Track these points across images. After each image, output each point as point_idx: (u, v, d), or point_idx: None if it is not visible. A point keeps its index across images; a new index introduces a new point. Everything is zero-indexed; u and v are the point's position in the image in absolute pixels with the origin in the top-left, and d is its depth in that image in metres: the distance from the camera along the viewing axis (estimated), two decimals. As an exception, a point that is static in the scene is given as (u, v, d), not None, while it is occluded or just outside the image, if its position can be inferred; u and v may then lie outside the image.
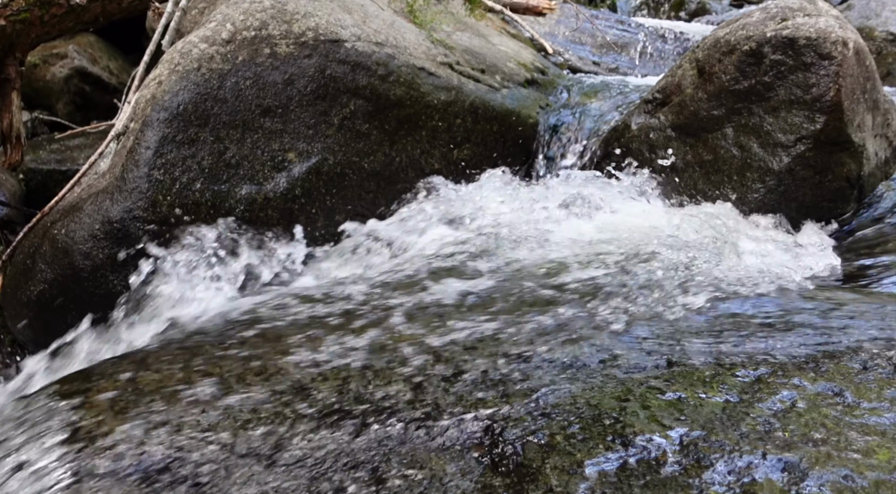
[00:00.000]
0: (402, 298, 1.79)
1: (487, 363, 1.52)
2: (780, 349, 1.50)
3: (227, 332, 1.70)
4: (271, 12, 2.45)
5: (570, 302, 1.74)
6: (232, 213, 2.28)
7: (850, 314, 1.63)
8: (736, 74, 2.65)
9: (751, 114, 2.63)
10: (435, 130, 2.86)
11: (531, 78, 3.60)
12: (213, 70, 2.29)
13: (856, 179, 2.56)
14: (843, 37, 2.48)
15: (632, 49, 4.72)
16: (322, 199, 2.53)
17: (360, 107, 2.63)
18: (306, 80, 2.49)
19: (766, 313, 1.67)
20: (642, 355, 1.53)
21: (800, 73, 2.51)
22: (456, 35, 3.48)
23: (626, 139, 2.96)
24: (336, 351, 1.53)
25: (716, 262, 1.93)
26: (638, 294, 1.75)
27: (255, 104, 2.37)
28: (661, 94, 2.96)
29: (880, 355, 1.38)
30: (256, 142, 2.37)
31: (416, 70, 2.81)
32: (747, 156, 2.62)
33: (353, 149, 2.61)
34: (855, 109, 2.53)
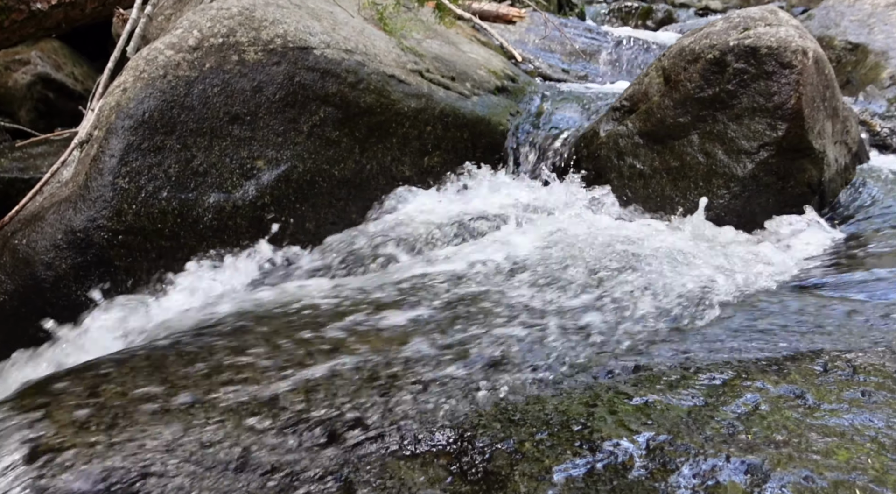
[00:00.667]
0: (371, 310, 1.78)
1: (456, 370, 1.53)
2: (744, 352, 1.53)
3: (193, 342, 1.67)
4: (239, 19, 2.44)
5: (535, 309, 1.75)
6: (200, 221, 2.25)
7: (810, 318, 1.67)
8: (701, 82, 2.70)
9: (715, 121, 2.68)
10: (405, 137, 2.86)
11: (501, 85, 3.62)
12: (179, 77, 2.26)
13: (817, 185, 2.62)
14: (802, 46, 2.54)
15: (600, 57, 4.78)
16: (292, 207, 2.51)
17: (330, 114, 2.62)
18: (275, 87, 2.48)
19: (731, 317, 1.70)
20: (610, 360, 1.55)
21: (762, 81, 2.57)
22: (426, 42, 3.49)
23: (595, 146, 2.99)
24: (303, 362, 1.52)
25: (679, 266, 1.96)
26: (604, 300, 1.77)
27: (224, 112, 2.35)
28: (629, 101, 3.00)
29: (840, 357, 1.41)
30: (225, 150, 2.35)
31: (387, 77, 2.81)
32: (713, 162, 2.67)
33: (323, 156, 2.60)
34: (815, 116, 2.59)
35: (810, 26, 4.34)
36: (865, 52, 3.87)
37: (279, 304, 1.83)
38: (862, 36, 3.98)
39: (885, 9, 4.07)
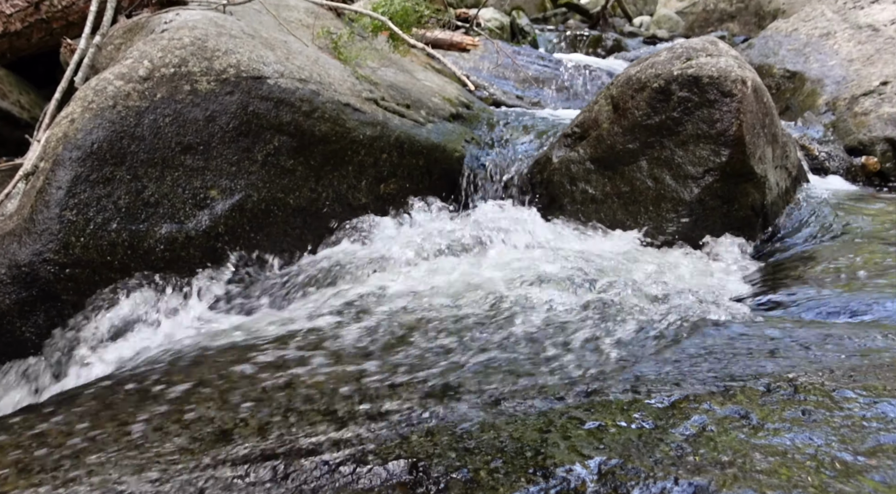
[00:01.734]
0: (318, 341, 1.77)
1: (410, 398, 1.53)
2: (692, 374, 1.57)
3: (144, 378, 1.64)
4: (191, 49, 2.43)
5: (487, 337, 1.77)
6: (152, 253, 2.21)
7: (753, 339, 1.72)
8: (648, 109, 2.79)
9: (663, 147, 2.76)
10: (361, 165, 2.88)
11: (456, 112, 3.68)
12: (129, 107, 2.23)
13: (760, 208, 2.72)
14: (741, 75, 2.66)
15: (553, 83, 4.89)
16: (247, 236, 2.49)
17: (285, 143, 2.62)
18: (228, 116, 2.47)
19: (678, 339, 1.74)
20: (564, 385, 1.57)
21: (705, 109, 2.67)
22: (381, 71, 3.53)
23: (549, 172, 3.06)
24: (255, 396, 1.50)
25: (629, 290, 2.00)
26: (557, 326, 1.79)
27: (176, 142, 2.33)
28: (580, 128, 3.08)
29: (782, 377, 1.46)
30: (177, 180, 2.32)
31: (342, 106, 2.83)
32: (661, 187, 2.75)
33: (278, 185, 2.59)
34: (756, 142, 2.69)
35: (751, 55, 4.52)
36: (802, 80, 4.06)
37: (230, 336, 1.81)
38: (799, 64, 4.17)
39: (819, 39, 4.28)
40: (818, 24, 4.46)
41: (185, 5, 2.82)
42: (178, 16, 2.58)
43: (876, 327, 1.73)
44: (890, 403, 1.27)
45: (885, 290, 1.92)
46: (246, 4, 3.04)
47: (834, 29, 4.32)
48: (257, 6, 3.14)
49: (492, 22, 5.71)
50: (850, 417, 1.25)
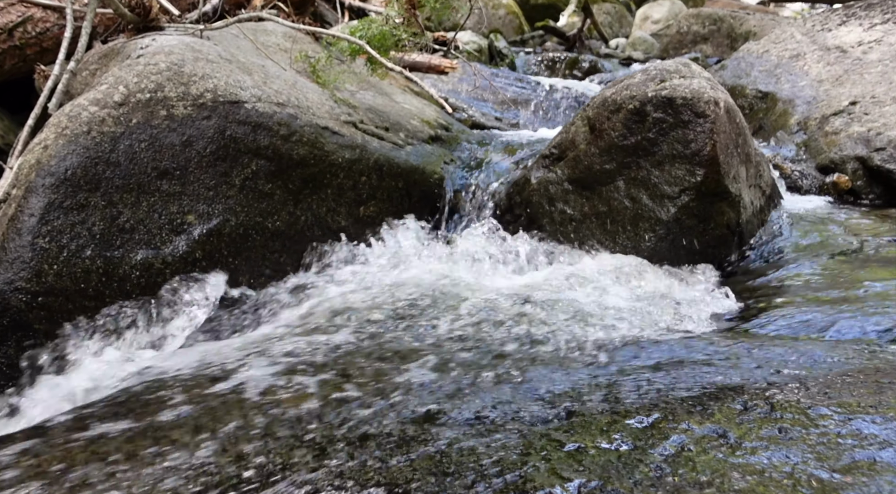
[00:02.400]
0: (296, 364, 1.76)
1: (389, 423, 1.51)
2: (670, 393, 1.57)
3: (112, 407, 1.61)
4: (167, 74, 2.42)
5: (466, 359, 1.76)
6: (127, 280, 2.19)
7: (733, 356, 1.73)
8: (623, 130, 2.82)
9: (639, 167, 2.79)
10: (340, 187, 2.88)
11: (435, 134, 3.70)
12: (104, 133, 2.22)
13: (735, 227, 2.75)
14: (714, 97, 2.70)
15: (531, 105, 4.94)
16: (225, 261, 2.48)
17: (263, 167, 2.62)
18: (205, 141, 2.46)
19: (657, 358, 1.75)
20: (544, 407, 1.56)
21: (679, 129, 2.71)
22: (360, 94, 3.55)
23: (528, 193, 3.07)
24: (232, 422, 1.48)
25: (608, 310, 2.01)
26: (536, 347, 1.79)
27: (152, 167, 2.32)
28: (558, 149, 3.10)
29: (758, 394, 1.47)
30: (153, 205, 2.30)
31: (320, 129, 2.84)
32: (638, 207, 2.78)
33: (256, 209, 2.58)
34: (730, 161, 2.74)
35: (724, 76, 4.61)
36: (774, 100, 4.14)
37: (207, 364, 1.78)
38: (770, 85, 4.26)
39: (789, 60, 4.37)
40: (788, 45, 4.57)
41: (161, 31, 2.82)
42: (154, 41, 2.58)
43: (848, 342, 1.75)
44: (864, 419, 1.28)
45: (857, 306, 1.94)
46: (223, 29, 3.05)
47: (803, 50, 4.42)
48: (235, 31, 3.15)
49: (470, 45, 5.78)
50: (826, 434, 1.26)
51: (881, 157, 3.28)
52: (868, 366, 1.61)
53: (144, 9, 2.74)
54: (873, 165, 3.31)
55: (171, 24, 2.90)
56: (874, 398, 1.37)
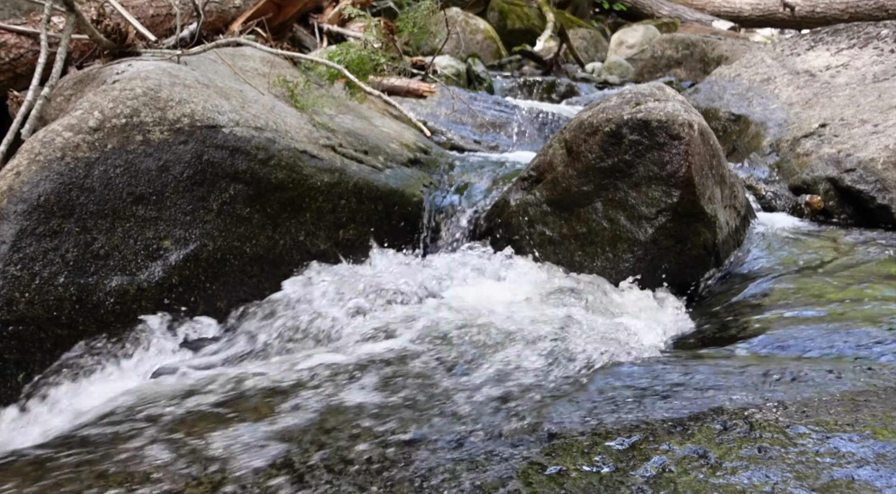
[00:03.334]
0: (274, 396, 1.73)
1: (370, 449, 1.50)
2: (650, 414, 1.57)
3: (85, 440, 1.57)
4: (143, 99, 2.41)
5: (448, 383, 1.75)
6: (101, 306, 2.15)
7: (711, 376, 1.74)
8: (600, 152, 2.85)
9: (616, 189, 2.82)
10: (319, 211, 2.87)
11: (414, 157, 3.71)
12: (79, 159, 2.20)
13: (712, 247, 2.78)
14: (688, 119, 2.75)
15: (509, 128, 4.99)
16: (202, 286, 2.45)
17: (241, 191, 2.61)
18: (182, 166, 2.45)
19: (637, 379, 1.75)
20: (524, 429, 1.56)
21: (655, 151, 2.74)
22: (338, 118, 3.55)
23: (507, 215, 3.09)
24: (210, 449, 1.45)
25: (588, 331, 2.02)
26: (518, 369, 1.79)
27: (127, 192, 2.29)
28: (536, 171, 3.13)
29: (738, 414, 1.48)
30: (128, 231, 2.28)
31: (298, 153, 2.83)
32: (616, 228, 2.80)
33: (234, 233, 2.56)
34: (705, 183, 2.78)
35: (698, 99, 4.70)
36: (747, 123, 4.22)
37: (181, 389, 1.75)
38: (743, 108, 4.34)
39: (760, 83, 4.47)
40: (759, 69, 4.67)
41: (138, 56, 2.81)
42: (130, 66, 2.58)
43: (824, 361, 1.77)
44: (841, 438, 1.29)
45: (831, 324, 1.97)
46: (201, 55, 3.05)
47: (774, 74, 4.53)
48: (213, 56, 3.15)
49: (448, 69, 5.84)
50: (804, 453, 1.27)
51: (851, 177, 3.35)
52: (846, 384, 1.62)
53: (121, 34, 2.74)
54: (844, 185, 3.37)
55: (147, 50, 2.90)
56: (851, 417, 1.38)
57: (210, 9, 4.01)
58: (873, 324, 1.93)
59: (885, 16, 9.32)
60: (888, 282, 2.33)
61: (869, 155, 3.37)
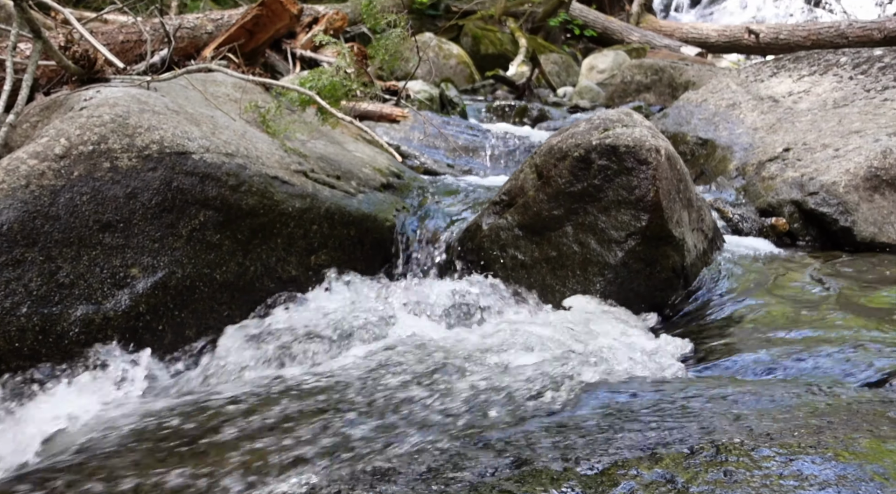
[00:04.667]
0: (244, 417, 1.71)
1: (342, 479, 1.48)
2: (619, 439, 1.58)
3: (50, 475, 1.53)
4: (111, 126, 2.40)
5: (410, 413, 1.75)
6: (65, 337, 2.11)
7: (679, 399, 1.76)
8: (570, 177, 2.89)
9: (586, 213, 2.85)
10: (291, 237, 2.86)
11: (387, 182, 3.72)
12: (44, 187, 2.17)
13: (680, 270, 2.82)
14: (655, 145, 2.80)
15: (482, 152, 5.04)
16: (170, 314, 2.42)
17: (211, 217, 2.59)
18: (151, 193, 2.43)
19: (606, 402, 1.76)
20: (493, 456, 1.55)
21: (623, 176, 2.79)
22: (311, 143, 3.56)
23: (479, 239, 3.10)
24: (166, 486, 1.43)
25: (557, 355, 2.03)
26: (485, 396, 1.79)
27: (94, 220, 2.27)
28: (507, 195, 3.16)
29: (704, 438, 1.49)
30: (94, 259, 2.25)
31: (269, 179, 2.83)
32: (587, 251, 2.83)
33: (204, 260, 2.54)
34: (672, 207, 2.82)
35: (666, 123, 4.79)
36: (714, 147, 4.31)
37: (143, 421, 1.72)
38: (710, 132, 4.44)
39: (726, 109, 4.58)
40: (725, 95, 4.79)
41: (107, 82, 2.80)
42: (98, 93, 2.56)
43: (789, 383, 1.80)
44: (804, 460, 1.30)
45: (796, 346, 2.00)
46: (172, 81, 3.05)
47: (739, 100, 4.64)
48: (183, 82, 3.15)
49: (421, 94, 5.89)
50: (769, 476, 1.28)
51: (815, 200, 3.44)
52: (809, 406, 1.65)
53: (89, 61, 2.72)
54: (808, 208, 3.45)
55: (117, 76, 2.88)
56: (814, 439, 1.40)
57: (181, 35, 4.01)
58: (835, 346, 1.97)
59: (845, 43, 9.64)
60: (849, 305, 2.38)
61: (831, 178, 3.46)
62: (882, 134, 3.64)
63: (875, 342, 1.96)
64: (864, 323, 2.16)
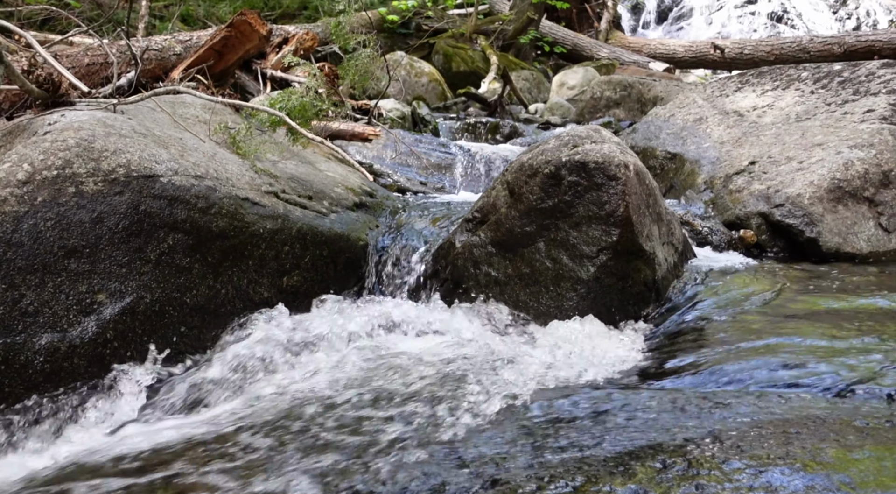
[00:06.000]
0: (220, 451, 1.68)
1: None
2: (594, 454, 1.58)
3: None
4: (76, 150, 2.37)
5: (387, 431, 1.73)
6: (30, 366, 2.06)
7: (652, 412, 1.77)
8: (541, 193, 2.91)
9: (558, 229, 2.88)
10: (262, 258, 2.83)
11: (360, 201, 3.72)
12: (5, 213, 2.13)
13: (652, 283, 2.85)
14: (624, 160, 2.84)
15: (455, 169, 5.06)
16: (138, 340, 2.38)
17: (180, 241, 2.56)
18: (118, 217, 2.40)
19: (581, 416, 1.76)
20: (468, 476, 1.54)
21: (593, 192, 2.82)
22: (282, 163, 3.54)
23: (452, 256, 3.11)
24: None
25: (531, 370, 2.03)
26: (457, 413, 1.78)
27: (59, 246, 2.23)
28: (480, 213, 3.17)
29: (677, 451, 1.50)
30: (60, 286, 2.20)
31: (240, 200, 2.81)
32: (559, 267, 2.85)
33: (173, 284, 2.51)
34: (642, 221, 2.86)
35: (636, 138, 4.86)
36: (682, 161, 4.38)
37: (109, 453, 1.68)
38: (678, 146, 4.51)
39: (693, 123, 4.66)
40: (692, 110, 4.88)
41: (72, 106, 2.77)
42: (63, 117, 2.53)
43: (759, 394, 1.82)
44: (773, 472, 1.32)
45: (765, 357, 2.03)
46: (140, 103, 3.02)
47: (705, 114, 4.73)
48: (151, 104, 3.13)
49: (393, 112, 5.91)
50: (739, 488, 1.29)
51: (781, 212, 3.50)
52: (778, 417, 1.67)
53: (53, 84, 2.69)
54: (774, 220, 3.52)
55: (82, 99, 2.85)
56: (783, 450, 1.42)
57: (149, 56, 3.99)
58: (803, 356, 2.00)
59: (807, 57, 9.90)
60: (816, 315, 2.42)
61: (796, 191, 3.53)
62: (843, 147, 3.73)
63: (838, 353, 1.99)
64: (829, 332, 2.19)
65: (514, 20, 11.45)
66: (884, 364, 1.92)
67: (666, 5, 17.31)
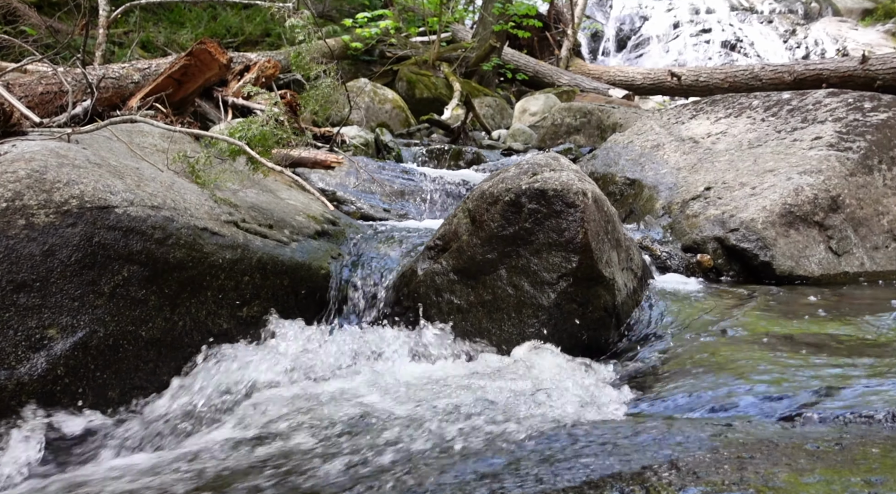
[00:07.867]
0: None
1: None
2: (554, 484, 1.58)
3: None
4: (27, 182, 2.31)
5: (344, 466, 1.71)
6: (-27, 405, 1.99)
7: (610, 440, 1.78)
8: (502, 221, 2.94)
9: (519, 256, 2.90)
10: (221, 289, 2.79)
11: (322, 229, 3.70)
12: (-49, 247, 2.07)
13: (612, 309, 2.88)
14: (582, 188, 2.88)
15: (418, 196, 5.07)
16: (91, 376, 2.31)
17: (136, 273, 2.51)
18: (70, 249, 2.34)
19: (539, 449, 1.76)
20: (429, 512, 1.53)
21: (553, 219, 2.85)
22: (242, 192, 3.51)
23: (414, 285, 3.10)
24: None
25: (488, 400, 2.02)
26: (413, 448, 1.77)
27: (7, 280, 2.16)
28: (442, 240, 3.18)
29: (636, 480, 1.51)
30: (7, 321, 2.14)
31: (198, 231, 2.77)
32: (521, 294, 2.86)
33: (128, 317, 2.45)
34: (602, 247, 2.90)
35: (596, 164, 4.95)
36: (641, 187, 4.47)
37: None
38: (637, 173, 4.60)
39: (651, 150, 4.77)
40: (649, 136, 4.99)
41: (24, 136, 2.71)
42: (14, 147, 2.48)
43: (716, 421, 1.84)
44: (728, 499, 1.33)
45: (721, 381, 2.06)
46: (95, 132, 2.98)
47: (662, 141, 4.85)
48: (107, 133, 3.08)
49: (357, 139, 5.92)
50: (695, 517, 1.30)
51: (736, 237, 3.59)
52: (733, 442, 1.69)
53: (4, 114, 2.64)
54: (730, 244, 3.60)
55: (35, 129, 2.80)
56: (737, 475, 1.44)
57: (106, 85, 3.93)
58: (756, 380, 2.04)
59: (759, 85, 10.25)
60: (769, 338, 2.47)
61: (750, 215, 3.63)
62: (793, 173, 3.86)
63: (791, 376, 2.04)
64: (782, 356, 2.24)
65: (476, 48, 11.62)
66: (834, 386, 1.97)
67: (625, 34, 17.81)
